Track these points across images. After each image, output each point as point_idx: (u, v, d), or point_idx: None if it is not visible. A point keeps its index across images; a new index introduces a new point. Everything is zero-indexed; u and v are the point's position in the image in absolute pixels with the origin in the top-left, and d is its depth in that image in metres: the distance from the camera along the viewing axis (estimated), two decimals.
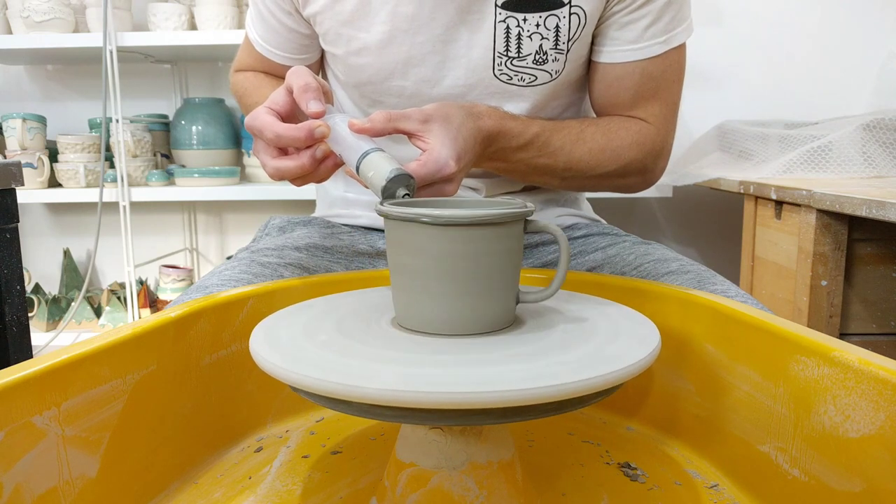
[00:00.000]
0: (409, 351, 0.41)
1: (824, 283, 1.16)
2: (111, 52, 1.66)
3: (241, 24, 1.74)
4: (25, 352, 1.00)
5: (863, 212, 0.98)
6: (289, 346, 0.41)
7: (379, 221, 0.81)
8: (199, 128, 1.84)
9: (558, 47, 0.70)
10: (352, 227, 0.86)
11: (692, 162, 1.67)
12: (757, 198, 1.36)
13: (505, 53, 0.70)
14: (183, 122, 1.85)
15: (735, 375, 0.49)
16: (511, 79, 0.72)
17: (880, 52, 1.80)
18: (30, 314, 1.69)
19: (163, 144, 1.94)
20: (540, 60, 0.70)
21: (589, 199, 0.96)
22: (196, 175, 1.78)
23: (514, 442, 0.45)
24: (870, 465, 0.37)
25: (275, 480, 0.50)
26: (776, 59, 1.85)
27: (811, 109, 1.82)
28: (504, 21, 0.69)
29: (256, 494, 0.48)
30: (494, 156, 0.68)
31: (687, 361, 0.55)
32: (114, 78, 1.67)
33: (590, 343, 0.42)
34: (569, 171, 0.72)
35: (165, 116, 1.96)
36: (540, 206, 0.85)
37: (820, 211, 1.13)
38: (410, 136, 0.57)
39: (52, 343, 1.78)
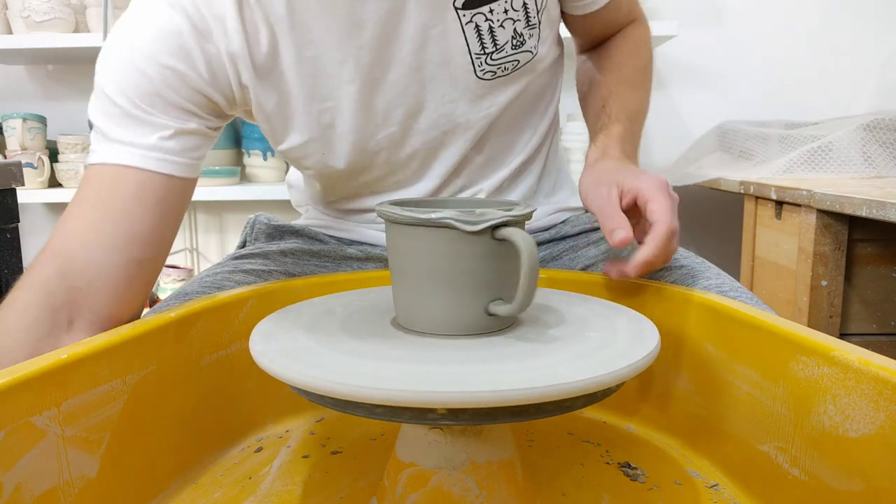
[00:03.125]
0: (408, 351, 0.41)
1: (824, 283, 1.16)
2: None
3: None
4: None
5: (863, 212, 0.98)
6: (289, 346, 0.41)
7: (370, 237, 0.81)
8: None
9: (530, 23, 0.68)
10: (340, 239, 0.82)
11: (692, 162, 1.67)
12: (757, 198, 1.36)
13: (482, 52, 0.67)
14: None
15: (735, 375, 0.49)
16: (496, 74, 0.69)
17: (880, 52, 1.80)
18: None
19: None
20: (517, 44, 0.68)
21: None
22: None
23: (514, 442, 0.45)
24: (870, 464, 0.37)
25: (275, 480, 0.50)
26: (776, 59, 1.85)
27: (811, 109, 1.82)
28: (471, 21, 0.65)
29: (256, 494, 0.48)
30: (630, 155, 0.72)
31: (686, 361, 0.55)
32: None
33: (589, 343, 0.42)
34: (640, 107, 0.80)
35: None
36: (543, 200, 0.83)
37: (820, 211, 1.13)
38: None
39: None
